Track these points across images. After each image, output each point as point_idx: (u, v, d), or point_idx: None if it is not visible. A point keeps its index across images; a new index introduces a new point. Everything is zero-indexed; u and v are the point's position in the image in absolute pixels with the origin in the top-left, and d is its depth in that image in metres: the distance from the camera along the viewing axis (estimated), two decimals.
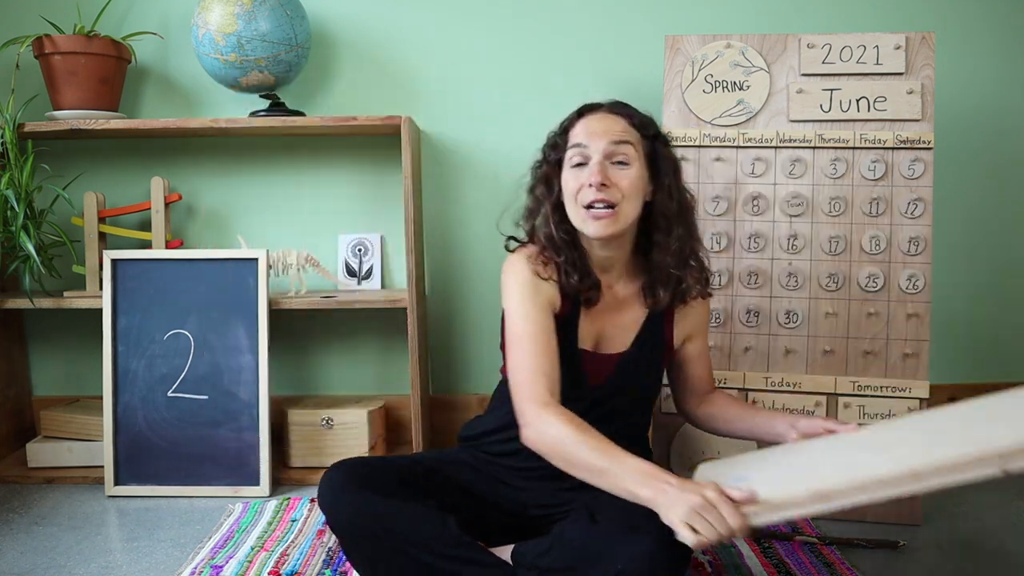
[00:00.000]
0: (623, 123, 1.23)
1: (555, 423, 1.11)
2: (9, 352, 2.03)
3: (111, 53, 1.86)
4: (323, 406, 1.91)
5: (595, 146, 1.21)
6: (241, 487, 1.76)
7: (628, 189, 1.20)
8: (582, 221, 1.22)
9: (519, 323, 1.21)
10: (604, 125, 1.22)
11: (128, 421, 1.77)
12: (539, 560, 1.17)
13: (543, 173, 1.29)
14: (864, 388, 1.60)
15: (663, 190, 1.25)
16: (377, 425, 1.92)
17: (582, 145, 1.21)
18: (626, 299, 1.32)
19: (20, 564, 1.44)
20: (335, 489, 1.19)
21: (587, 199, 1.20)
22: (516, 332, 1.21)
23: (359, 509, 1.17)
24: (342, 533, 1.20)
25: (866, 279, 1.62)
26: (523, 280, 1.24)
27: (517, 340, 1.20)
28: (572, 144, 1.23)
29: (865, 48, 1.63)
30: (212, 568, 1.38)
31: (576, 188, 1.21)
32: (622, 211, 1.20)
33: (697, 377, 1.42)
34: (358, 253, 2.06)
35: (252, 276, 1.79)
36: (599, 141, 1.21)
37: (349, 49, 2.04)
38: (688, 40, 1.69)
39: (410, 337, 1.81)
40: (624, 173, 1.20)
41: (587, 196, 1.20)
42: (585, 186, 1.20)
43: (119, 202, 2.01)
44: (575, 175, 1.22)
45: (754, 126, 1.66)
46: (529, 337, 1.19)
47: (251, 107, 1.94)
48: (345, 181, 2.07)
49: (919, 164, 1.61)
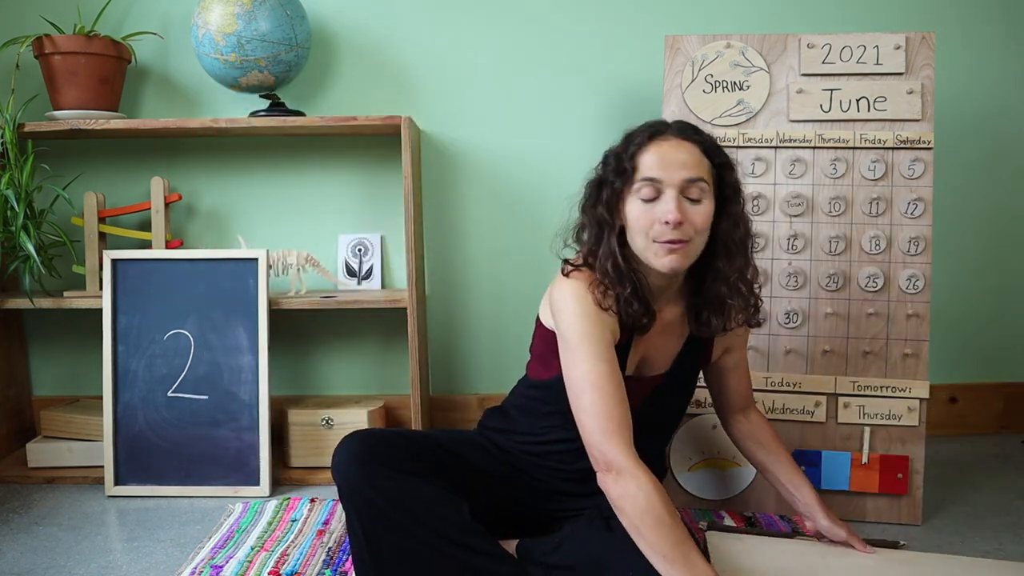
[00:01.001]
0: (697, 153, 1.19)
1: (645, 488, 1.09)
2: (9, 352, 2.03)
3: (111, 53, 1.86)
4: (323, 406, 1.91)
5: (670, 181, 1.16)
6: (241, 487, 1.76)
7: (701, 225, 1.17)
8: (653, 255, 1.18)
9: (594, 364, 1.16)
10: (679, 157, 1.17)
11: (128, 421, 1.77)
12: (546, 557, 1.17)
13: (607, 198, 1.22)
14: (864, 388, 1.60)
15: (729, 219, 1.22)
16: (377, 425, 1.92)
17: (656, 180, 1.16)
18: (671, 323, 1.29)
19: (20, 564, 1.44)
20: (348, 461, 1.16)
21: (662, 236, 1.15)
22: (591, 372, 1.16)
23: (372, 481, 1.14)
24: (351, 503, 1.16)
25: (866, 279, 1.62)
26: (590, 313, 1.18)
27: (594, 383, 1.15)
28: (644, 176, 1.17)
29: (865, 48, 1.63)
30: (212, 568, 1.38)
31: (648, 223, 1.17)
32: (693, 245, 1.18)
33: (732, 389, 1.44)
34: (358, 253, 2.06)
35: (252, 276, 1.79)
36: (675, 175, 1.16)
37: (349, 49, 2.04)
38: (688, 40, 1.69)
39: (410, 337, 1.81)
40: (697, 210, 1.17)
41: (662, 234, 1.15)
42: (659, 223, 1.15)
43: (119, 202, 2.01)
44: (646, 209, 1.17)
45: (754, 126, 1.66)
46: (608, 381, 1.16)
47: (251, 107, 1.94)
48: (345, 181, 2.07)
49: (919, 164, 1.61)
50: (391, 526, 1.14)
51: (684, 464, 1.67)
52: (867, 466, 1.59)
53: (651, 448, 1.32)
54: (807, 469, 1.61)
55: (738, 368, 1.43)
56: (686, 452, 1.67)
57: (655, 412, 1.31)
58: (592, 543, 1.14)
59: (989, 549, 1.48)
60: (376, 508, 1.14)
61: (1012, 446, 2.08)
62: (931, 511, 1.65)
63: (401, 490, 1.14)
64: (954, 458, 1.99)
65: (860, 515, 1.61)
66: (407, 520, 1.13)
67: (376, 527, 1.15)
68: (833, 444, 1.62)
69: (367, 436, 1.21)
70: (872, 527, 1.58)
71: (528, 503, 1.33)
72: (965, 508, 1.67)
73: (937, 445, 2.06)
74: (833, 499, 1.62)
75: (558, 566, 1.15)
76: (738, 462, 1.65)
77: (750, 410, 1.47)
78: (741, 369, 1.43)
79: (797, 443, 1.62)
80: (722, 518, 1.61)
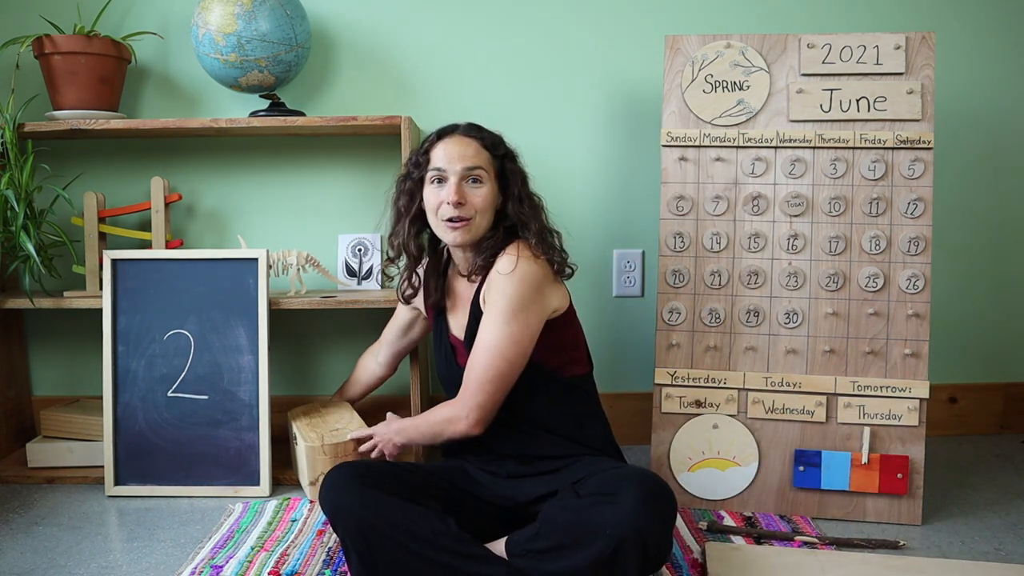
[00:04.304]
0: (475, 146, 1.42)
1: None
2: (9, 352, 2.03)
3: (111, 53, 1.86)
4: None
5: (452, 169, 1.40)
6: (241, 487, 1.76)
7: (480, 205, 1.40)
8: (442, 231, 1.42)
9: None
10: (459, 149, 1.41)
11: (128, 421, 1.76)
12: (531, 544, 1.21)
13: (408, 188, 1.47)
14: (864, 388, 1.60)
15: (515, 199, 1.44)
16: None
17: (442, 170, 1.40)
18: (472, 286, 1.47)
19: (20, 564, 1.44)
20: (337, 488, 1.24)
21: (446, 215, 1.39)
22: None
23: (362, 503, 1.21)
24: (344, 530, 1.22)
25: (866, 279, 1.62)
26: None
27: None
28: (434, 167, 1.41)
29: (865, 48, 1.63)
30: (212, 568, 1.38)
31: (436, 204, 1.41)
32: (475, 223, 1.41)
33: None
34: (358, 253, 2.06)
35: (252, 276, 1.79)
36: (456, 165, 1.40)
37: (349, 49, 2.04)
38: (688, 40, 1.69)
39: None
40: (477, 192, 1.41)
41: (446, 212, 1.39)
42: (444, 203, 1.39)
43: (119, 202, 2.01)
44: (435, 192, 1.41)
45: (754, 126, 1.66)
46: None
47: (251, 107, 1.94)
48: (345, 181, 2.07)
49: (919, 164, 1.61)
50: (383, 541, 1.20)
51: (684, 464, 1.67)
52: (867, 466, 1.59)
53: (537, 413, 1.43)
54: (807, 469, 1.61)
55: (476, 338, 1.37)
56: (686, 452, 1.67)
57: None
58: (566, 514, 1.20)
59: (989, 549, 1.48)
60: (367, 525, 1.20)
61: (1012, 446, 2.08)
62: (931, 511, 1.65)
63: (389, 508, 1.22)
64: (954, 458, 1.99)
65: (860, 515, 1.61)
66: (398, 533, 1.20)
67: (370, 545, 1.20)
68: (833, 444, 1.62)
69: (351, 465, 1.32)
70: (872, 527, 1.58)
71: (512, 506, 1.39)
72: (965, 508, 1.67)
73: (937, 445, 2.06)
74: (833, 499, 1.62)
75: (545, 550, 1.18)
76: (738, 462, 1.65)
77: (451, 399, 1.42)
78: (475, 342, 1.37)
79: (797, 443, 1.63)
80: (722, 518, 1.61)
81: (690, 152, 1.68)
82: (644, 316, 2.04)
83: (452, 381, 1.47)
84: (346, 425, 1.69)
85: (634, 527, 1.11)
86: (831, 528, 1.57)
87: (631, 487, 1.16)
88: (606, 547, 1.11)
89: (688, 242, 1.68)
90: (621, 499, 1.15)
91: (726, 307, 1.67)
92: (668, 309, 1.69)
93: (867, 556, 1.41)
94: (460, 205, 1.38)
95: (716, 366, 1.67)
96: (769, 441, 1.64)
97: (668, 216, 1.69)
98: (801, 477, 1.61)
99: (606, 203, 2.07)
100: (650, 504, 1.14)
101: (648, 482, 1.19)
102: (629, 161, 2.05)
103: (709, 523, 1.55)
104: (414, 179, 1.46)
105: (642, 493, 1.15)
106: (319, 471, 1.59)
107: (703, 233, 1.68)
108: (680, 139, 1.67)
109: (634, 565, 1.12)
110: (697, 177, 1.68)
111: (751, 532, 1.52)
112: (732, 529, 1.53)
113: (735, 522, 1.58)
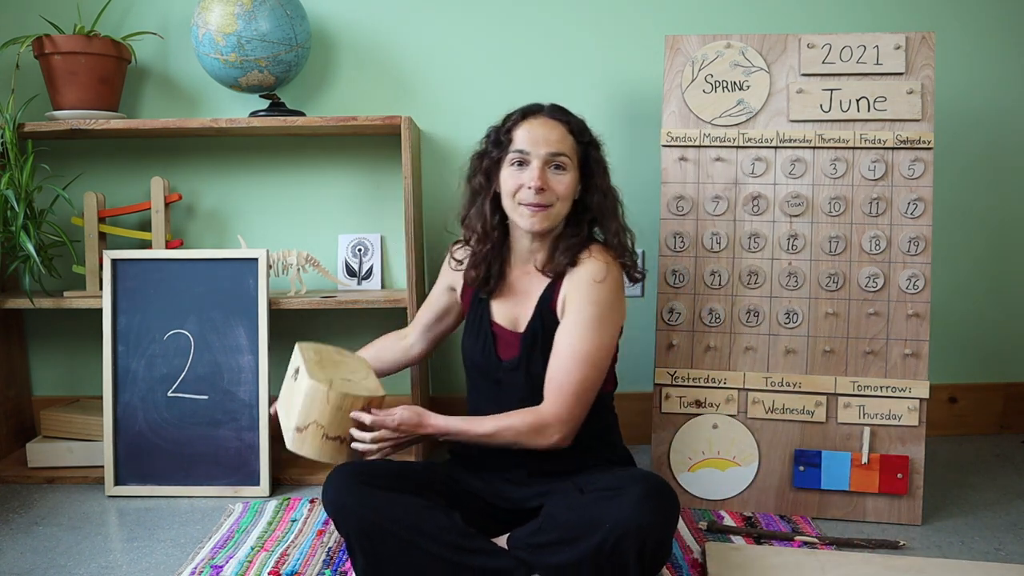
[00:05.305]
0: (562, 130, 1.36)
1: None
2: (9, 352, 2.03)
3: (111, 53, 1.86)
4: None
5: (536, 153, 1.33)
6: (241, 487, 1.76)
7: (563, 193, 1.34)
8: (519, 216, 1.35)
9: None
10: (545, 132, 1.34)
11: (128, 421, 1.76)
12: (532, 539, 1.22)
13: (485, 167, 1.40)
14: (864, 388, 1.60)
15: (597, 190, 1.38)
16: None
17: (525, 152, 1.34)
18: (537, 280, 1.40)
19: (20, 564, 1.44)
20: (339, 488, 1.23)
21: (526, 199, 1.33)
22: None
23: (365, 502, 1.21)
24: (348, 530, 1.21)
25: (866, 279, 1.62)
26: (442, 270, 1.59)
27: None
28: (516, 148, 1.34)
29: (865, 48, 1.63)
30: (212, 568, 1.38)
31: (515, 187, 1.34)
32: (555, 210, 1.34)
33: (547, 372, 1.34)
34: (358, 253, 2.06)
35: (252, 276, 1.79)
36: (541, 149, 1.33)
37: (349, 49, 2.04)
38: (688, 40, 1.69)
39: None
40: (560, 179, 1.34)
41: (526, 197, 1.33)
42: (524, 187, 1.33)
43: (119, 202, 2.01)
44: (515, 175, 1.34)
45: (754, 126, 1.66)
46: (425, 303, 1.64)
47: (251, 107, 1.94)
48: (345, 181, 2.07)
49: (919, 164, 1.61)
50: (388, 539, 1.19)
51: (684, 464, 1.67)
52: (867, 466, 1.59)
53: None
54: (807, 469, 1.61)
55: (558, 340, 1.33)
56: (686, 452, 1.67)
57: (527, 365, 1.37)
58: (569, 511, 1.20)
59: (989, 549, 1.48)
60: (371, 524, 1.19)
61: (1012, 446, 2.08)
62: (931, 511, 1.65)
63: (392, 504, 1.21)
64: (954, 458, 1.99)
65: (860, 515, 1.61)
66: (403, 530, 1.19)
67: (374, 543, 1.20)
68: (833, 444, 1.61)
69: (351, 466, 1.28)
70: (872, 527, 1.58)
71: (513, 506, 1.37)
72: (965, 508, 1.67)
73: (937, 445, 2.06)
74: (833, 499, 1.62)
75: (546, 544, 1.19)
76: (738, 462, 1.65)
77: (532, 406, 1.32)
78: (558, 344, 1.32)
79: (797, 443, 1.63)
80: (722, 518, 1.61)
81: (690, 152, 1.68)
82: (644, 316, 2.04)
83: (486, 372, 1.41)
84: (361, 380, 1.41)
85: (635, 523, 1.11)
86: (831, 528, 1.57)
87: (634, 484, 1.17)
88: (605, 541, 1.11)
89: (688, 242, 1.68)
90: (623, 495, 1.15)
91: (726, 307, 1.67)
92: (668, 309, 1.69)
93: (867, 556, 1.41)
94: (542, 191, 1.31)
95: (716, 366, 1.67)
96: (769, 441, 1.64)
97: (668, 216, 1.69)
98: (801, 477, 1.61)
99: None
100: (652, 500, 1.14)
101: (651, 480, 1.19)
102: (629, 161, 2.05)
103: (709, 523, 1.55)
104: (492, 158, 1.38)
105: (644, 490, 1.15)
106: (312, 419, 1.29)
107: (703, 233, 1.68)
108: (680, 139, 1.67)
109: (634, 561, 1.12)
110: (697, 177, 1.68)
111: (751, 532, 1.52)
112: (732, 529, 1.53)
113: (735, 522, 1.58)
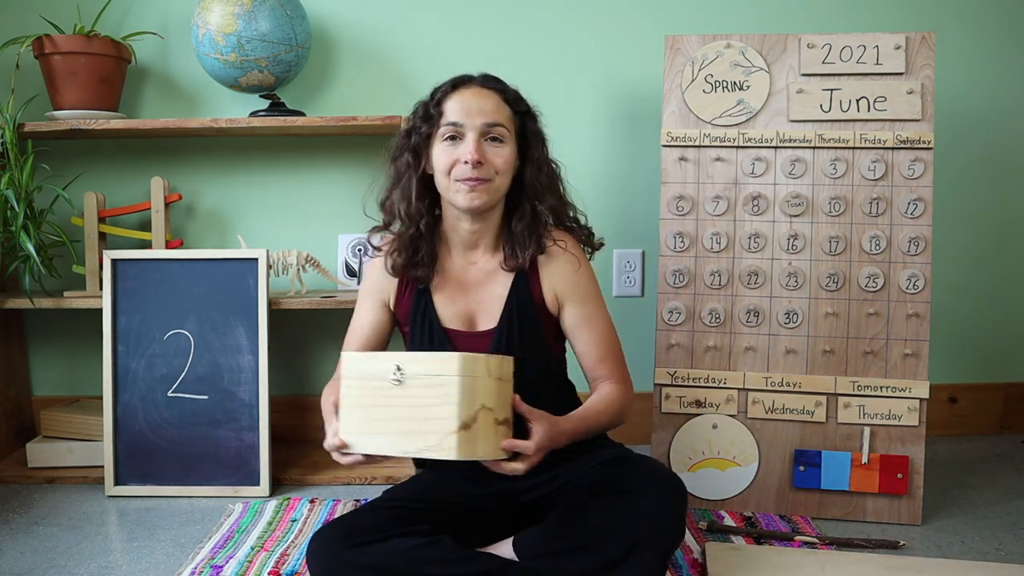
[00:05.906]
0: (496, 99, 1.28)
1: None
2: (9, 352, 2.03)
3: (111, 53, 1.86)
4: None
5: (471, 124, 1.24)
6: (241, 487, 1.76)
7: (501, 166, 1.26)
8: (455, 193, 1.25)
9: (355, 313, 1.48)
10: (479, 102, 1.25)
11: (128, 421, 1.76)
12: (546, 546, 1.16)
13: (414, 144, 1.30)
14: (864, 388, 1.60)
15: (533, 163, 1.30)
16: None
17: (458, 124, 1.24)
18: (492, 272, 1.33)
19: (20, 564, 1.44)
20: (327, 559, 1.14)
21: (462, 175, 1.23)
22: (352, 320, 1.46)
23: (355, 563, 1.12)
24: None
25: (866, 279, 1.62)
26: (368, 277, 1.40)
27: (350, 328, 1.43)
28: (448, 121, 1.25)
29: (865, 48, 1.63)
30: (212, 568, 1.38)
31: (449, 163, 1.25)
32: (494, 185, 1.26)
33: (582, 355, 1.36)
34: (358, 253, 2.06)
35: (252, 276, 1.79)
36: (476, 120, 1.24)
37: (349, 49, 2.04)
38: (688, 40, 1.69)
39: None
40: (498, 151, 1.26)
41: (462, 172, 1.23)
42: (460, 162, 1.23)
43: (119, 202, 2.01)
44: (448, 150, 1.25)
45: (754, 126, 1.66)
46: (359, 324, 1.47)
47: (251, 107, 1.94)
48: (345, 181, 2.07)
49: (919, 164, 1.61)
50: None
51: (684, 464, 1.67)
52: (867, 466, 1.59)
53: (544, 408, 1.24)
54: (807, 469, 1.61)
55: (580, 328, 1.33)
56: (686, 452, 1.67)
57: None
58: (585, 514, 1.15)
59: (989, 549, 1.48)
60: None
61: (1012, 446, 2.08)
62: (931, 511, 1.65)
63: (385, 556, 1.12)
64: (954, 458, 1.99)
65: (860, 515, 1.61)
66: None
67: None
68: (833, 444, 1.62)
69: (331, 529, 1.18)
70: (872, 527, 1.58)
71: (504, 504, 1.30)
72: (965, 508, 1.67)
73: (937, 445, 2.06)
74: (833, 499, 1.62)
75: (561, 551, 1.14)
76: (738, 462, 1.65)
77: (603, 382, 1.34)
78: (584, 330, 1.33)
79: (797, 443, 1.63)
80: (722, 518, 1.61)
81: (690, 152, 1.68)
82: (644, 316, 2.04)
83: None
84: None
85: (662, 528, 1.09)
86: (831, 528, 1.57)
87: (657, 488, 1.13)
88: (635, 546, 1.08)
89: (688, 242, 1.68)
90: (647, 497, 1.11)
91: (726, 307, 1.67)
92: (668, 309, 1.69)
93: (867, 556, 1.41)
94: (479, 165, 1.22)
95: (716, 366, 1.67)
96: (769, 441, 1.64)
97: (668, 216, 1.69)
98: (801, 477, 1.61)
99: (606, 203, 2.06)
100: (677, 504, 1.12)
101: (671, 483, 1.16)
102: (629, 161, 2.05)
103: (709, 523, 1.55)
104: (422, 135, 1.29)
105: (667, 495, 1.12)
106: (479, 403, 1.07)
107: (703, 233, 1.68)
108: (680, 139, 1.67)
109: (657, 566, 1.10)
110: (697, 177, 1.68)
111: (751, 532, 1.52)
112: (732, 529, 1.53)
113: (735, 522, 1.58)
